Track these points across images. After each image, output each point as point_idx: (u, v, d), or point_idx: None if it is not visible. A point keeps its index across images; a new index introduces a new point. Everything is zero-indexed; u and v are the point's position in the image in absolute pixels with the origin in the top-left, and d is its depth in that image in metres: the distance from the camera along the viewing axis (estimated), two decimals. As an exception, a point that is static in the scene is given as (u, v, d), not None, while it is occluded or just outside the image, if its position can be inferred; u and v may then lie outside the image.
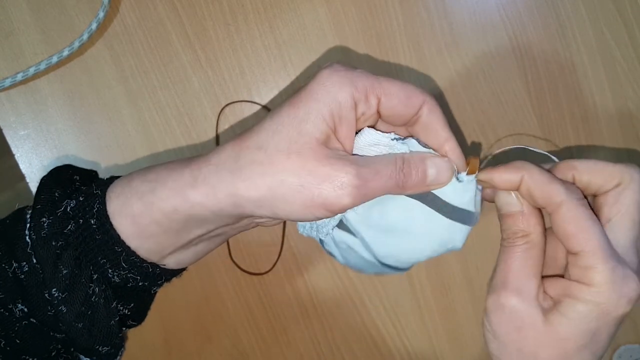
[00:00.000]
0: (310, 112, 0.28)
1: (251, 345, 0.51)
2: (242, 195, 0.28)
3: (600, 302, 0.28)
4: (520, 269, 0.31)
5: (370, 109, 0.30)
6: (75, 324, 0.31)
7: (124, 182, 0.32)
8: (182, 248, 0.33)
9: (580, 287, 0.29)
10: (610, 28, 0.48)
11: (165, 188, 0.30)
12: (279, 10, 0.47)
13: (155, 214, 0.30)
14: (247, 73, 0.47)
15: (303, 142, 0.28)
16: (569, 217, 0.29)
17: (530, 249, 0.31)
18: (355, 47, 0.47)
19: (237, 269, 0.49)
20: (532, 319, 0.30)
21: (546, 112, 0.49)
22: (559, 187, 0.29)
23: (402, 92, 0.30)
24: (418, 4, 0.47)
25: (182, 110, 0.47)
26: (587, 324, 0.29)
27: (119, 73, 0.46)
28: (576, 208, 0.29)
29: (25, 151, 0.46)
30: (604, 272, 0.28)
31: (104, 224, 0.30)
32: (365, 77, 0.29)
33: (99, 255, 0.31)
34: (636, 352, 0.52)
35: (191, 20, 0.46)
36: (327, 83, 0.29)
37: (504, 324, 0.31)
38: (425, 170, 0.31)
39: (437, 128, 0.31)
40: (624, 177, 0.30)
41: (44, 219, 0.31)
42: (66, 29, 0.46)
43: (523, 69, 0.48)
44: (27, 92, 0.46)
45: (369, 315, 0.51)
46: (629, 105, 0.49)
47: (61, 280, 0.30)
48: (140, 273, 0.32)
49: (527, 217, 0.31)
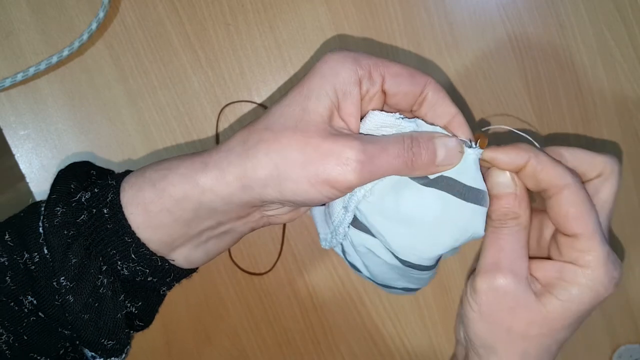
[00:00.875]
0: (313, 89, 0.29)
1: (251, 345, 0.51)
2: (250, 176, 0.29)
3: (594, 285, 0.29)
4: (513, 250, 0.31)
5: (375, 85, 0.30)
6: (82, 314, 0.31)
7: (137, 173, 0.32)
8: (192, 242, 0.33)
9: (575, 270, 0.30)
10: (610, 28, 0.48)
11: (177, 174, 0.30)
12: (279, 10, 0.47)
13: (166, 201, 0.30)
14: (247, 73, 0.47)
15: (307, 119, 0.28)
16: (572, 200, 0.30)
17: (521, 230, 0.31)
18: (355, 47, 0.47)
19: (237, 269, 0.49)
20: (525, 300, 0.31)
21: (546, 112, 0.49)
22: (565, 170, 0.30)
23: (405, 71, 0.30)
24: (418, 4, 0.47)
25: (182, 110, 0.47)
26: (578, 305, 0.30)
27: (119, 73, 0.46)
28: (579, 191, 0.30)
29: (25, 151, 0.46)
30: (600, 255, 0.29)
31: (116, 213, 0.31)
32: (369, 57, 0.30)
33: (109, 246, 0.31)
34: (636, 352, 0.52)
35: (191, 20, 0.46)
36: (331, 61, 0.29)
37: (496, 304, 0.31)
38: (434, 150, 0.30)
39: (443, 105, 0.31)
40: (605, 168, 0.31)
41: (58, 208, 0.31)
42: (66, 29, 0.46)
43: (523, 69, 0.48)
44: (27, 92, 0.46)
45: (369, 315, 0.51)
46: (629, 105, 0.49)
47: (70, 269, 0.30)
48: (149, 266, 0.32)
49: (519, 199, 0.31)
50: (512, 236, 0.31)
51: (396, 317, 0.51)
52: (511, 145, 0.31)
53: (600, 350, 0.52)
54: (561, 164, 0.30)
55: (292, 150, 0.28)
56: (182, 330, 0.50)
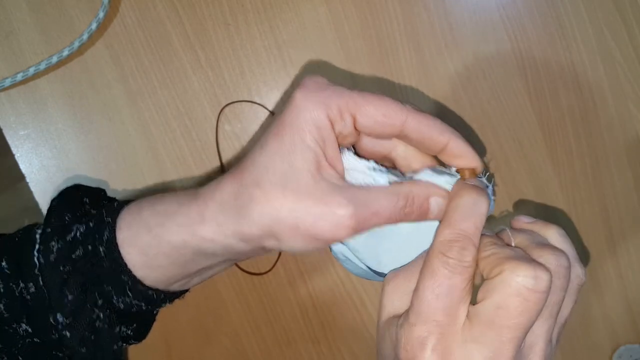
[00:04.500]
0: (295, 143, 0.28)
1: (251, 345, 0.51)
2: (246, 233, 0.29)
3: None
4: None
5: (346, 127, 0.29)
6: (79, 348, 0.31)
7: (133, 211, 0.32)
8: (188, 277, 0.33)
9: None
10: (610, 28, 0.48)
11: (174, 224, 0.30)
12: (279, 10, 0.47)
13: (164, 246, 0.30)
14: (247, 73, 0.47)
15: (296, 178, 0.28)
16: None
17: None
18: (355, 47, 0.47)
19: (237, 269, 0.49)
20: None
21: (546, 112, 0.49)
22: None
23: (378, 111, 0.28)
24: (418, 4, 0.47)
25: (182, 110, 0.47)
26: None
27: (119, 73, 0.46)
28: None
29: (25, 151, 0.46)
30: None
31: (113, 252, 0.31)
32: (338, 96, 0.28)
33: (106, 283, 0.31)
34: (636, 352, 0.52)
35: (191, 20, 0.46)
36: (302, 108, 0.28)
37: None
38: (427, 209, 0.30)
39: (431, 139, 0.30)
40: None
41: (53, 242, 0.31)
42: (66, 29, 0.46)
43: (523, 69, 0.48)
44: (27, 92, 0.46)
45: (369, 316, 0.51)
46: (629, 105, 0.49)
47: (66, 306, 0.30)
48: (145, 300, 0.32)
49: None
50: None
51: (396, 317, 0.51)
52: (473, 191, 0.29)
53: (600, 350, 0.52)
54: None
55: (284, 213, 0.28)
56: (182, 330, 0.50)
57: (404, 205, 0.29)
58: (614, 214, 0.51)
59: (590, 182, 0.50)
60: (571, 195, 0.50)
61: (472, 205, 0.28)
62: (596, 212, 0.50)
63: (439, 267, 0.26)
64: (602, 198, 0.50)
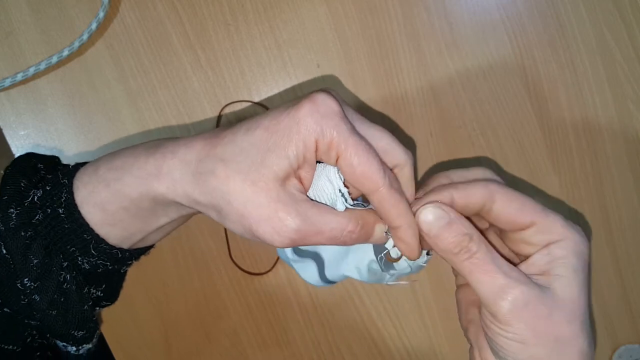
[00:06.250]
0: (278, 146, 0.28)
1: (251, 345, 0.51)
2: (196, 199, 0.29)
3: (577, 246, 0.30)
4: (498, 264, 0.29)
5: (329, 160, 0.29)
6: (49, 311, 0.31)
7: (90, 170, 0.32)
8: (149, 233, 0.33)
9: (558, 244, 0.30)
10: (610, 28, 0.48)
11: (131, 176, 0.30)
12: (279, 10, 0.47)
13: (123, 200, 0.31)
14: (247, 73, 0.47)
15: (262, 174, 0.28)
16: (506, 200, 0.30)
17: (485, 244, 0.30)
18: (355, 47, 0.47)
19: (237, 269, 0.49)
20: (550, 301, 0.29)
21: (546, 112, 0.49)
22: (484, 184, 0.31)
23: (359, 167, 0.28)
24: (418, 4, 0.47)
25: (182, 110, 0.47)
26: (578, 270, 0.30)
27: (119, 73, 0.46)
28: (504, 188, 0.31)
29: (25, 151, 0.46)
30: (563, 222, 0.30)
31: (73, 213, 0.31)
32: (338, 131, 0.28)
33: (69, 244, 0.32)
34: (636, 352, 0.52)
35: (191, 20, 0.46)
36: (302, 122, 0.28)
37: (532, 320, 0.28)
38: (371, 234, 0.31)
39: (392, 210, 0.30)
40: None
41: (11, 209, 0.31)
42: (66, 29, 0.46)
43: (523, 69, 0.48)
44: (27, 92, 0.46)
45: (369, 315, 0.51)
46: (629, 105, 0.49)
47: (32, 270, 0.31)
48: (109, 259, 0.33)
49: (456, 221, 0.30)
50: (485, 254, 0.30)
51: (396, 317, 0.51)
52: (434, 193, 0.31)
53: (600, 350, 0.52)
54: (478, 183, 0.31)
55: (236, 199, 0.28)
56: (182, 330, 0.50)
57: (352, 229, 0.30)
58: (614, 214, 0.51)
59: (590, 182, 0.50)
60: (571, 195, 0.50)
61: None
62: (596, 212, 0.50)
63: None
64: (602, 198, 0.50)
